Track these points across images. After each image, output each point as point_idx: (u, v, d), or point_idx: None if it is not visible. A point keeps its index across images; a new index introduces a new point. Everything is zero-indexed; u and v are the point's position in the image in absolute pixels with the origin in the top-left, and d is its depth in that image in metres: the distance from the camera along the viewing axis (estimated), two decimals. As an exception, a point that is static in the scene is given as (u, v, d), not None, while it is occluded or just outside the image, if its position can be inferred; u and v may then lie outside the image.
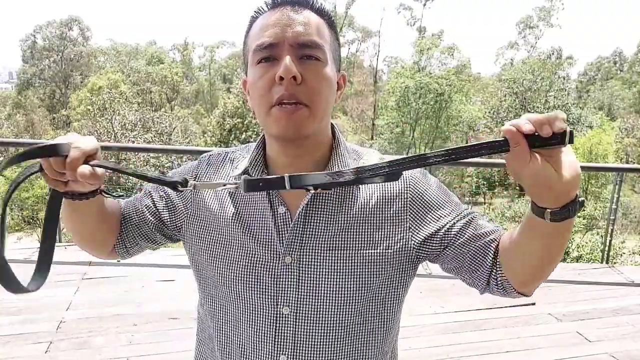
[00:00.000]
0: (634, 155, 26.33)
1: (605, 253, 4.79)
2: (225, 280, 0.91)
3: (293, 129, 0.82)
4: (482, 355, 2.86)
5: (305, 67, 0.82)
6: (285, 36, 0.81)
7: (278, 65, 0.81)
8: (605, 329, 3.22)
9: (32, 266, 0.85)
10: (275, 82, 0.81)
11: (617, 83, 44.88)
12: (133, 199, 1.02)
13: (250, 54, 0.86)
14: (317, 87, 0.83)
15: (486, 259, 0.86)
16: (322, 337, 0.89)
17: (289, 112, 0.81)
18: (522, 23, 39.38)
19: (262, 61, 0.83)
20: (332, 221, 0.88)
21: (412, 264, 0.92)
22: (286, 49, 0.81)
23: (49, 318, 3.05)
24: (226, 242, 0.92)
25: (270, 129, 0.85)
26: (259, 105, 0.84)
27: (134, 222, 0.99)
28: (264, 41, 0.82)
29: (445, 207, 0.92)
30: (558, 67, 32.35)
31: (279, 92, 0.81)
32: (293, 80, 0.80)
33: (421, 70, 28.33)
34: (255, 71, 0.84)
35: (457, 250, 0.89)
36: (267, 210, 0.90)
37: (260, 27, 0.85)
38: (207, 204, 0.95)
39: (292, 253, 0.88)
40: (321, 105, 0.84)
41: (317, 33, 0.84)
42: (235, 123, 24.61)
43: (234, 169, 0.96)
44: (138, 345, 2.81)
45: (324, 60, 0.84)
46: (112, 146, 8.84)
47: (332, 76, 0.86)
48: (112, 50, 44.87)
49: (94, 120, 20.40)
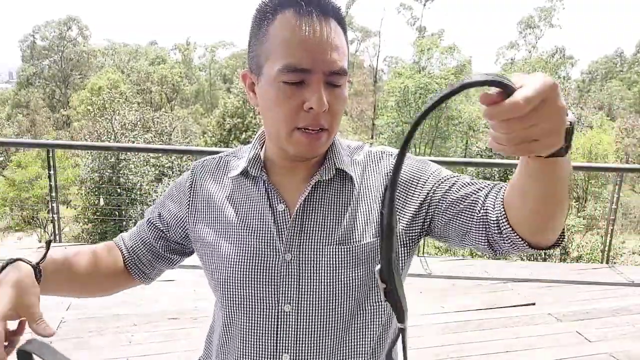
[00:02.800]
0: (634, 155, 26.33)
1: (605, 253, 4.78)
2: (228, 279, 0.91)
3: (313, 152, 0.85)
4: (482, 355, 2.86)
5: (331, 94, 0.82)
6: (319, 64, 0.79)
7: (306, 90, 0.79)
8: (605, 329, 3.22)
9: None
10: (302, 109, 0.80)
11: (617, 83, 44.88)
12: (136, 230, 1.04)
13: (274, 69, 0.80)
14: (338, 112, 0.84)
15: (473, 218, 0.83)
16: (325, 334, 0.89)
17: (313, 138, 0.83)
18: (522, 23, 39.37)
19: (288, 83, 0.80)
20: (329, 217, 0.89)
21: (407, 248, 0.91)
22: (317, 77, 0.79)
23: (49, 318, 3.02)
24: (227, 241, 0.92)
25: (288, 148, 0.85)
26: (280, 126, 0.83)
27: (143, 252, 1.01)
28: (296, 63, 0.78)
29: (421, 179, 0.90)
30: (559, 67, 32.33)
31: (306, 120, 0.81)
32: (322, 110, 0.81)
33: (421, 71, 28.32)
34: (278, 90, 0.80)
35: (443, 218, 0.87)
36: (266, 209, 0.91)
37: (290, 37, 0.79)
38: (208, 205, 0.96)
39: (292, 250, 0.88)
40: (338, 126, 0.86)
41: (344, 55, 0.83)
42: (235, 123, 24.61)
43: (231, 170, 0.97)
44: (138, 345, 2.81)
45: (344, 83, 0.84)
46: (112, 146, 8.86)
47: (347, 94, 0.87)
48: (112, 50, 44.87)
49: (94, 120, 20.39)
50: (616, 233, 10.38)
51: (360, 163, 0.96)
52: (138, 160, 17.08)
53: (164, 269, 1.06)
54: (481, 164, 9.76)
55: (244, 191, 0.94)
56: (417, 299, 3.53)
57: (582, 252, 9.25)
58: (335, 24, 0.82)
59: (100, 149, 13.90)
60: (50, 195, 4.62)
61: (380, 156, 0.97)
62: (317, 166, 0.92)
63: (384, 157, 0.96)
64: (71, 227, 17.30)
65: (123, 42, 47.90)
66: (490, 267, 4.32)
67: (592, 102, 36.81)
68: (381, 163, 0.96)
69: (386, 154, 0.97)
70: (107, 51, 44.57)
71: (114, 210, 15.27)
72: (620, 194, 4.68)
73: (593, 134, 25.48)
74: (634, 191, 26.78)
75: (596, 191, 21.36)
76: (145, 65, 40.32)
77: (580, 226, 9.45)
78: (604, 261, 4.81)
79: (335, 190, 0.91)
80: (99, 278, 0.96)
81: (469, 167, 24.05)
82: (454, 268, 4.13)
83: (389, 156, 0.96)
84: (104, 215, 14.92)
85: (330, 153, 0.92)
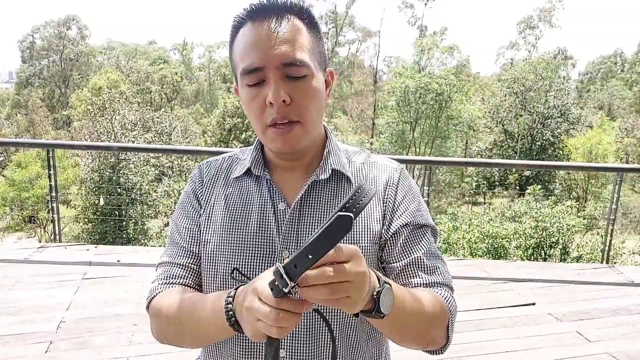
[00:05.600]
0: (634, 155, 26.33)
1: (605, 253, 4.78)
2: (226, 274, 0.92)
3: (289, 146, 0.87)
4: (482, 355, 2.86)
5: (292, 87, 0.84)
6: (269, 59, 0.83)
7: (267, 86, 0.84)
8: (605, 329, 3.22)
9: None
10: (267, 105, 0.84)
11: (617, 83, 44.86)
12: (185, 267, 0.98)
13: (238, 73, 0.88)
14: (306, 104, 0.86)
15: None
16: (319, 332, 0.90)
17: (283, 132, 0.85)
18: (522, 23, 39.29)
19: (251, 85, 0.86)
20: (325, 215, 0.91)
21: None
22: (272, 72, 0.83)
23: (49, 318, 3.04)
24: (229, 236, 0.93)
25: (268, 145, 0.90)
26: (255, 124, 0.89)
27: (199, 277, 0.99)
28: (249, 64, 0.84)
29: (402, 213, 0.95)
30: (559, 67, 32.31)
31: (272, 115, 0.85)
32: (282, 103, 0.83)
33: (421, 70, 28.30)
34: (246, 93, 0.87)
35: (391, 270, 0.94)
36: (269, 207, 0.93)
37: (244, 44, 0.85)
38: (213, 205, 0.98)
39: (289, 247, 0.90)
40: (312, 118, 0.88)
41: (301, 47, 0.85)
42: (235, 123, 24.64)
43: (235, 170, 0.99)
44: (138, 345, 2.81)
45: (310, 73, 0.86)
46: (112, 146, 8.85)
47: (320, 85, 0.89)
48: (111, 50, 44.84)
49: (94, 120, 20.38)
50: (616, 233, 10.38)
51: (363, 168, 0.98)
52: (138, 160, 17.08)
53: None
54: (481, 164, 9.77)
55: (247, 190, 0.96)
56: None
57: (582, 252, 9.24)
58: (295, 18, 0.86)
59: (100, 149, 13.90)
60: (50, 195, 4.62)
61: (384, 169, 0.99)
62: (313, 166, 0.95)
63: (387, 170, 0.98)
64: (71, 227, 17.29)
65: (122, 41, 47.89)
66: (490, 267, 4.32)
67: (592, 102, 36.84)
68: (383, 175, 0.97)
69: (390, 168, 0.99)
70: (106, 51, 44.56)
71: (114, 210, 15.27)
72: (620, 194, 4.68)
73: (593, 134, 25.49)
74: (634, 191, 26.77)
75: (596, 191, 21.38)
76: (145, 65, 40.29)
77: (580, 226, 9.43)
78: (604, 261, 4.81)
79: (331, 190, 0.94)
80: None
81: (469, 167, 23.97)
82: (454, 268, 4.12)
83: (394, 171, 0.98)
84: (104, 215, 14.93)
85: (325, 154, 0.95)
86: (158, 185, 18.56)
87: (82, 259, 3.94)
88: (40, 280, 3.51)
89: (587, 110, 32.28)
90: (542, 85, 28.08)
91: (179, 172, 20.78)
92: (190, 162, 20.52)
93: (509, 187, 26.73)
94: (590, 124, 29.57)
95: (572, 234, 9.17)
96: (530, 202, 10.44)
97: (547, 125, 28.00)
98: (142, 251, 5.14)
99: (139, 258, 4.07)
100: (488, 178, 27.60)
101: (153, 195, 17.31)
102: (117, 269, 3.85)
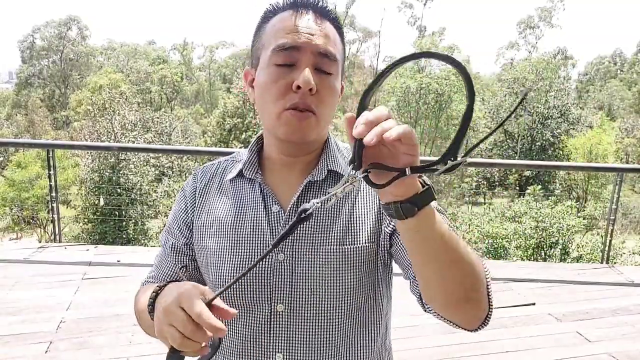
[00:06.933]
0: (634, 155, 26.33)
1: (605, 253, 4.78)
2: (220, 278, 0.92)
3: (300, 134, 0.86)
4: (482, 355, 2.86)
5: (320, 79, 0.84)
6: (308, 43, 0.83)
7: (296, 72, 0.83)
8: (605, 329, 3.22)
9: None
10: (291, 89, 0.83)
11: (617, 83, 44.87)
12: (164, 267, 1.02)
13: (268, 53, 0.86)
14: (326, 99, 0.86)
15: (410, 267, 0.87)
16: (317, 335, 0.89)
17: (299, 118, 0.84)
18: (522, 23, 39.33)
19: (280, 65, 0.84)
20: (322, 217, 0.90)
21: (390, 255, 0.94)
22: (307, 56, 0.83)
23: (49, 318, 3.04)
24: (222, 243, 0.93)
25: (278, 130, 0.87)
26: (271, 107, 0.86)
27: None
28: (286, 42, 0.83)
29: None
30: (559, 67, 32.32)
31: (293, 100, 0.84)
32: (309, 91, 0.83)
33: (421, 71, 28.32)
34: (270, 72, 0.85)
35: (396, 251, 0.90)
36: (261, 210, 0.92)
37: (281, 27, 0.85)
38: (208, 210, 0.98)
39: (284, 250, 0.89)
40: (327, 114, 0.88)
41: (335, 45, 0.87)
42: (235, 123, 24.61)
43: (229, 174, 0.99)
44: (138, 345, 2.81)
45: (335, 73, 0.87)
46: (112, 146, 8.84)
47: (339, 88, 0.90)
48: (111, 50, 44.84)
49: (94, 120, 20.38)
50: (616, 233, 10.39)
51: None
52: (138, 160, 17.06)
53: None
54: (481, 164, 9.77)
55: (240, 193, 0.96)
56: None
57: (582, 252, 9.25)
58: (330, 25, 0.88)
59: (100, 149, 13.88)
60: (50, 195, 4.62)
61: None
62: (311, 167, 0.94)
63: None
64: (71, 227, 17.28)
65: (122, 41, 47.90)
66: (490, 267, 4.32)
67: (592, 102, 36.84)
68: None
69: None
70: (106, 51, 44.56)
71: (114, 210, 15.26)
72: (620, 194, 4.68)
73: (593, 134, 25.49)
74: (634, 191, 26.78)
75: (596, 191, 21.38)
76: (145, 65, 40.29)
77: (580, 226, 9.43)
78: (604, 261, 4.81)
79: (326, 190, 0.92)
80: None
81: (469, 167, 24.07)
82: (454, 268, 4.12)
83: None
84: (104, 215, 14.92)
85: (323, 155, 0.94)
86: (158, 185, 18.54)
87: (82, 259, 3.95)
88: (40, 280, 3.52)
89: (587, 111, 32.29)
90: (542, 86, 28.08)
91: (179, 172, 20.77)
92: (190, 162, 20.51)
93: (509, 187, 26.72)
94: (590, 124, 29.58)
95: (572, 234, 9.18)
96: (530, 203, 10.45)
97: (547, 125, 28.00)
98: (142, 251, 5.14)
99: (138, 258, 4.08)
100: (488, 178, 27.61)
101: (153, 195, 17.28)
102: (117, 269, 3.85)
